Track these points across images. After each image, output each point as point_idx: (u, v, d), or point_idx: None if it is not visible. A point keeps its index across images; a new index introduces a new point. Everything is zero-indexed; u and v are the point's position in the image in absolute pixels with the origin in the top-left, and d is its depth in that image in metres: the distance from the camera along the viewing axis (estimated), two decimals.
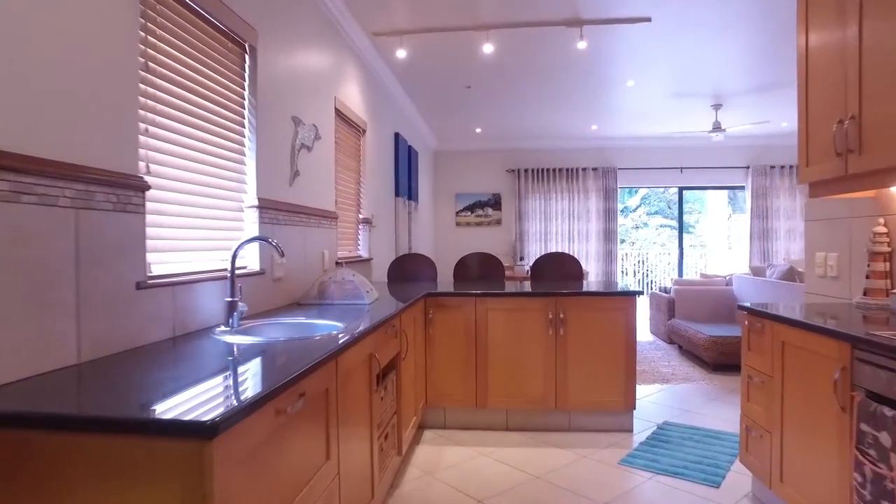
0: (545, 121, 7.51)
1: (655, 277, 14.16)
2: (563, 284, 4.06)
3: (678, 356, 5.99)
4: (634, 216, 17.51)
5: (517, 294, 3.57)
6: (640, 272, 13.99)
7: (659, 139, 8.62)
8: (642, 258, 14.20)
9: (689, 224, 16.59)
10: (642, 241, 16.82)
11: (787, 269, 5.46)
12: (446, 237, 9.09)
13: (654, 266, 14.27)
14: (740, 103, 6.51)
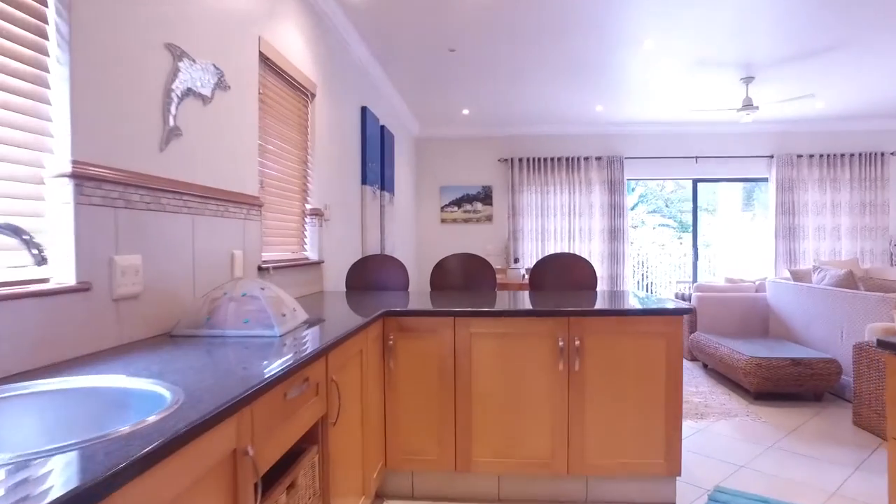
0: (543, 100, 6.46)
1: (655, 279, 13.19)
2: (573, 298, 3.00)
3: (705, 378, 4.95)
4: (633, 214, 16.54)
5: (514, 313, 2.51)
6: (639, 272, 13.03)
7: (671, 125, 7.59)
8: (642, 259, 13.25)
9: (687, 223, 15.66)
10: (641, 240, 15.88)
11: (845, 275, 4.44)
12: (429, 235, 8.02)
13: (654, 268, 13.31)
14: (774, 76, 5.48)
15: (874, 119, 7.36)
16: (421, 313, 2.54)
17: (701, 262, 12.68)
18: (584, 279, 3.52)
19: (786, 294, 5.12)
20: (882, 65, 5.16)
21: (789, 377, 4.11)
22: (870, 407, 3.61)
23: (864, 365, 3.63)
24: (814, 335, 4.68)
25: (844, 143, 7.55)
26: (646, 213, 16.66)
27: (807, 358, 4.14)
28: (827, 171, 7.45)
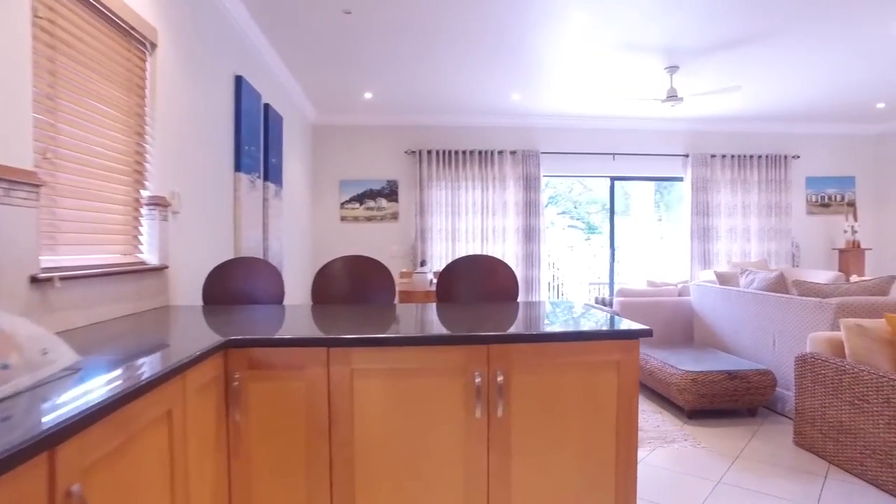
0: (455, 85, 5.82)
1: (566, 281, 13.05)
2: (493, 313, 2.33)
3: None
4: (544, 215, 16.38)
5: (413, 340, 1.79)
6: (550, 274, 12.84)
7: (590, 119, 7.21)
8: (553, 261, 13.07)
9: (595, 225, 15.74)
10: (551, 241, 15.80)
11: (776, 278, 4.11)
12: (327, 235, 7.17)
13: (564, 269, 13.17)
14: (699, 68, 5.16)
15: (780, 122, 7.37)
16: (280, 343, 1.76)
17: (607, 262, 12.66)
18: (503, 288, 2.87)
19: (712, 298, 4.78)
20: (799, 60, 4.95)
21: (725, 392, 3.70)
22: (814, 426, 3.23)
23: (808, 380, 3.25)
24: (743, 342, 4.34)
25: (754, 144, 7.51)
26: (556, 215, 16.62)
27: (742, 370, 3.75)
28: (738, 172, 7.36)
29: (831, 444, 3.11)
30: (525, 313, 2.27)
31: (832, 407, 3.09)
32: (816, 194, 7.64)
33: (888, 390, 2.75)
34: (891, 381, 2.73)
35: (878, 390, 2.81)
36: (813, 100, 6.32)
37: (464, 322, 2.04)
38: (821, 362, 3.14)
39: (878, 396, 2.81)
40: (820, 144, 7.65)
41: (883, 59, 4.97)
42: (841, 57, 4.89)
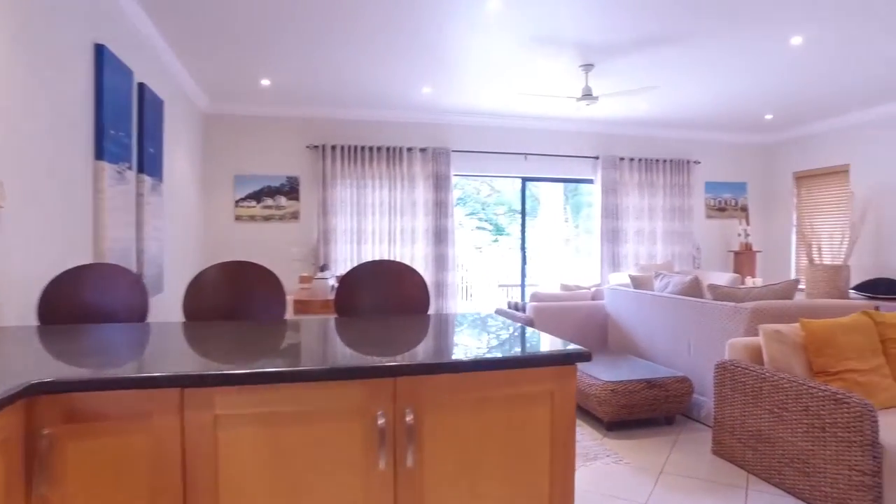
0: (361, 76, 5.39)
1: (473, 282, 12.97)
2: (400, 332, 1.96)
3: None
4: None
5: (296, 375, 1.38)
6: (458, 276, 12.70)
7: (503, 117, 7.03)
8: (461, 262, 12.94)
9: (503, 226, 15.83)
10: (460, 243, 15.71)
11: (691, 282, 4.04)
12: (220, 236, 6.49)
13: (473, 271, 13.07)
14: (613, 68, 5.07)
15: (683, 128, 7.56)
16: (111, 384, 1.29)
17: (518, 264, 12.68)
18: (412, 298, 2.51)
19: (626, 302, 4.68)
20: (704, 67, 4.99)
21: (644, 402, 3.56)
22: (732, 435, 3.14)
23: (727, 388, 3.15)
24: (658, 348, 4.26)
25: (660, 148, 7.67)
26: (464, 216, 16.54)
27: (661, 378, 3.63)
28: (645, 175, 7.47)
29: (750, 454, 3.02)
30: (438, 331, 1.93)
31: (751, 415, 3.00)
32: (714, 199, 7.93)
33: (807, 398, 2.68)
34: (809, 388, 2.65)
35: (796, 398, 2.73)
36: (712, 108, 6.49)
37: (365, 344, 1.66)
38: (741, 370, 3.05)
39: (797, 404, 2.72)
40: (717, 151, 7.95)
41: (774, 72, 5.12)
42: (739, 66, 4.98)
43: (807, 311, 3.46)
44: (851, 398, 2.47)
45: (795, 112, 6.76)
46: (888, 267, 6.49)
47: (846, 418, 2.49)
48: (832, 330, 2.91)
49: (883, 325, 3.09)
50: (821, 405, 2.60)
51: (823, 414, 2.58)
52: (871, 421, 2.41)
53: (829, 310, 3.51)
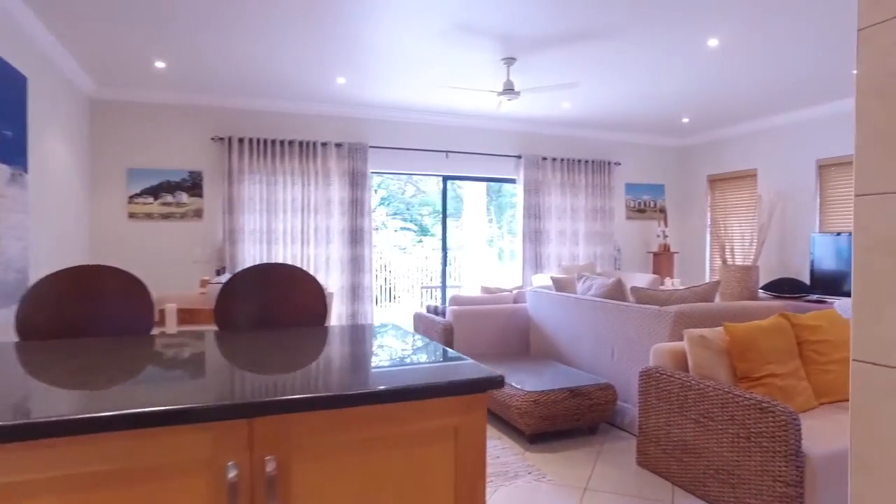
0: (270, 62, 4.95)
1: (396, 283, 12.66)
2: (277, 352, 1.61)
3: None
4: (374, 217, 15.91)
5: (109, 422, 1.01)
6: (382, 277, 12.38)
7: (423, 112, 6.74)
8: (384, 263, 12.60)
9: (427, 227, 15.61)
10: (383, 244, 15.36)
11: (613, 284, 3.91)
12: (111, 235, 5.82)
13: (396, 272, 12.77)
14: (535, 63, 4.90)
15: (604, 129, 7.58)
16: None
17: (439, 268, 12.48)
18: (305, 308, 2.16)
19: (548, 305, 4.51)
20: (625, 66, 4.93)
21: (567, 412, 3.36)
22: (658, 445, 2.99)
23: (652, 396, 3.00)
24: (581, 353, 4.11)
25: (581, 149, 7.64)
26: (388, 216, 16.19)
27: (584, 386, 3.45)
28: (567, 175, 7.41)
29: (675, 465, 2.88)
30: (326, 352, 1.60)
31: (677, 425, 2.86)
32: (634, 200, 8.01)
33: (733, 407, 2.55)
34: (735, 397, 2.53)
35: (722, 407, 2.60)
36: (633, 109, 6.50)
37: (226, 371, 1.31)
38: (665, 377, 2.90)
39: (723, 413, 2.60)
40: (637, 153, 8.04)
41: (692, 74, 5.14)
42: (659, 67, 4.95)
43: (728, 314, 3.39)
44: (776, 407, 2.35)
45: (709, 116, 6.91)
46: (791, 267, 6.74)
47: (771, 427, 2.37)
48: (754, 334, 2.82)
49: (799, 328, 3.05)
50: (746, 414, 2.47)
51: (749, 423, 2.46)
52: (795, 430, 2.30)
53: (749, 312, 3.46)
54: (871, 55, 1.43)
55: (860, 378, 1.43)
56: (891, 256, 1.37)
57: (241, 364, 1.39)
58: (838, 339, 3.10)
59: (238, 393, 1.12)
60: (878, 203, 1.39)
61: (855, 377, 1.45)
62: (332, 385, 1.19)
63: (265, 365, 1.38)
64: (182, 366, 1.38)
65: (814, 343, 3.02)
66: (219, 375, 1.28)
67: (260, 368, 1.34)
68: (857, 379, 1.44)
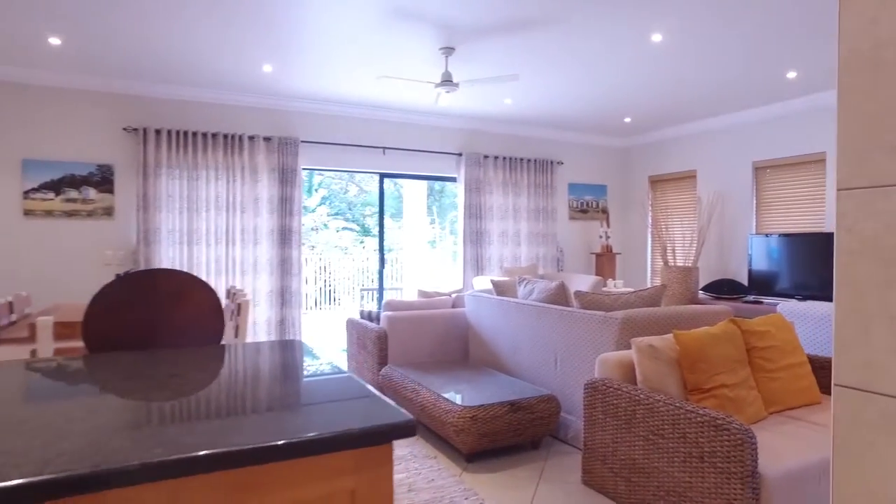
0: (187, 44, 4.48)
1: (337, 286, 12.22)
2: (135, 384, 1.26)
3: None
4: (314, 217, 15.42)
5: None
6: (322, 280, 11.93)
7: (358, 106, 6.38)
8: (325, 264, 12.13)
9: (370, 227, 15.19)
10: (323, 244, 14.85)
11: (556, 288, 3.68)
12: (2, 235, 5.18)
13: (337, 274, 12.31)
14: (475, 54, 4.64)
15: (547, 128, 7.43)
16: None
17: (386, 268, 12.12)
18: (195, 324, 1.80)
19: (488, 310, 4.26)
20: (567, 59, 4.75)
21: (508, 428, 3.11)
22: (604, 463, 2.77)
23: (598, 410, 2.78)
24: (522, 361, 3.87)
25: (524, 147, 7.47)
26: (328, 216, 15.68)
27: (526, 399, 3.20)
28: (509, 174, 7.21)
29: (623, 485, 2.67)
30: (191, 387, 1.25)
31: (624, 442, 2.65)
32: (577, 200, 7.90)
33: (685, 424, 2.35)
34: (687, 413, 2.33)
35: (673, 424, 2.40)
36: (575, 107, 6.37)
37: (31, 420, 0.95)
38: (612, 391, 2.69)
39: (674, 431, 2.39)
40: (580, 153, 7.94)
41: (635, 71, 5.02)
42: (602, 62, 4.80)
43: (676, 319, 3.22)
44: (731, 424, 2.16)
45: (651, 117, 6.86)
46: (730, 268, 6.77)
47: (726, 447, 2.18)
48: (704, 342, 2.64)
49: (748, 334, 2.90)
50: (699, 432, 2.27)
51: (702, 442, 2.26)
52: (752, 449, 2.12)
53: (698, 317, 3.31)
54: (853, 24, 1.20)
55: (845, 407, 1.21)
56: (880, 262, 1.15)
57: (60, 413, 1.03)
58: (785, 344, 2.98)
59: (32, 463, 0.77)
60: (867, 199, 1.17)
61: (839, 406, 1.23)
62: (168, 440, 0.86)
63: (93, 412, 1.02)
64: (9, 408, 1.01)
65: (762, 350, 2.88)
66: (34, 428, 0.92)
67: (74, 422, 0.99)
68: (842, 408, 1.22)
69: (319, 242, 14.86)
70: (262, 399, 1.10)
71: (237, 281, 5.81)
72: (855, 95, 1.20)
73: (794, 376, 2.92)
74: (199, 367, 1.38)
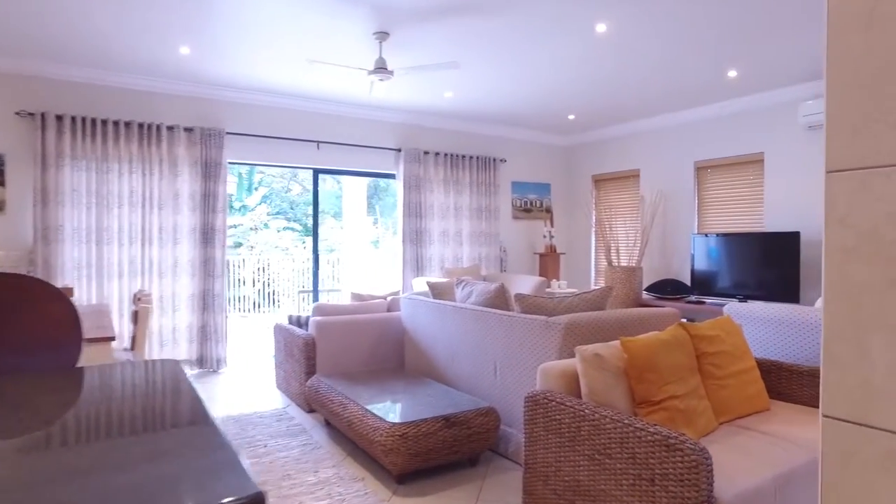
0: (87, 20, 3.98)
1: (278, 288, 11.69)
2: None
3: (329, 443, 3.37)
4: (254, 216, 14.75)
5: None
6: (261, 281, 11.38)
7: (289, 96, 5.96)
8: (264, 265, 11.58)
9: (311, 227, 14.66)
10: (263, 244, 14.20)
11: (496, 291, 3.42)
12: None
13: (277, 275, 11.76)
14: (411, 40, 4.34)
15: (489, 124, 7.22)
16: None
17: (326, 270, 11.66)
18: (40, 342, 1.43)
19: (424, 314, 3.96)
20: (509, 52, 4.52)
21: (443, 445, 2.82)
22: (546, 484, 2.52)
23: (539, 426, 2.53)
24: (460, 370, 3.59)
25: (465, 144, 7.22)
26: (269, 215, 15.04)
27: (462, 413, 2.93)
28: (451, 171, 6.94)
29: None
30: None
31: (568, 461, 2.40)
32: (520, 199, 7.72)
33: (634, 443, 2.12)
34: (636, 431, 2.10)
35: (622, 443, 2.17)
36: (518, 102, 6.16)
37: None
38: (555, 404, 2.44)
39: (623, 451, 2.17)
40: (523, 150, 7.76)
41: (578, 63, 4.84)
42: (545, 52, 4.59)
43: (623, 324, 3.02)
44: (685, 444, 1.94)
45: (595, 114, 6.75)
46: (672, 268, 6.74)
47: (679, 469, 1.96)
48: (653, 349, 2.43)
49: (698, 339, 2.72)
50: (650, 452, 2.05)
51: (653, 463, 2.04)
52: (707, 472, 1.91)
53: (645, 321, 3.12)
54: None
55: (836, 443, 0.97)
56: (880, 261, 0.92)
57: None
58: (734, 349, 2.82)
59: None
60: (864, 183, 0.94)
61: (828, 441, 0.98)
62: None
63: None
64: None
65: (711, 355, 2.71)
66: None
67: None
68: (832, 445, 0.97)
69: (259, 242, 14.22)
70: (77, 468, 0.77)
71: (154, 284, 5.29)
72: (848, 57, 0.96)
73: (744, 382, 2.76)
74: (10, 411, 1.02)
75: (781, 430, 2.48)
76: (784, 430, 2.48)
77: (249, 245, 13.90)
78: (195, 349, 5.50)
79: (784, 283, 5.36)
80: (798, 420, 2.62)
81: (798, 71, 5.07)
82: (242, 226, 14.30)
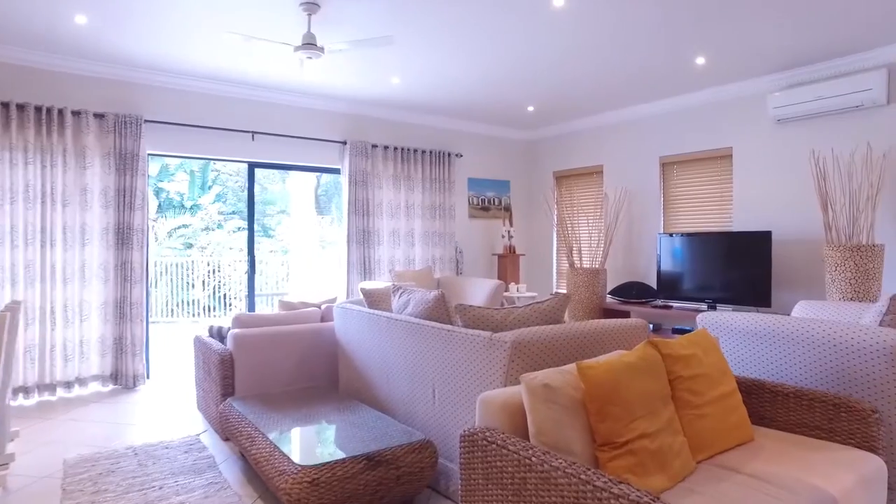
0: None
1: (230, 290, 11.02)
2: None
3: (240, 487, 2.82)
4: (205, 215, 13.96)
5: None
6: (212, 284, 10.74)
7: (219, 81, 5.35)
8: (214, 267, 10.94)
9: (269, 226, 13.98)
10: (215, 245, 13.43)
11: (434, 301, 2.92)
12: None
13: (228, 278, 11.09)
14: (344, 13, 3.80)
15: (442, 116, 6.72)
16: None
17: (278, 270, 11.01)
18: None
19: (357, 327, 3.44)
20: (465, 20, 4.04)
21: (366, 490, 2.31)
22: None
23: (478, 472, 2.04)
24: (395, 392, 3.08)
25: (418, 137, 6.71)
26: (222, 214, 14.26)
27: (391, 450, 2.42)
28: (402, 166, 6.42)
29: None
30: None
31: None
32: (477, 197, 7.25)
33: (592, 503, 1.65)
34: (597, 492, 1.63)
35: (577, 501, 1.69)
36: (472, 90, 5.69)
37: None
38: (496, 448, 1.95)
39: None
40: (481, 145, 7.30)
41: (535, 45, 4.38)
42: (496, 30, 4.12)
43: (581, 340, 2.55)
44: None
45: (555, 107, 6.32)
46: (638, 270, 6.36)
47: None
48: (617, 376, 1.97)
49: (670, 359, 2.27)
50: None
51: None
52: None
53: (608, 335, 2.66)
54: None
55: None
56: None
57: None
58: (713, 369, 2.38)
59: None
60: None
61: None
62: None
63: None
64: None
65: (687, 380, 2.26)
66: None
67: None
68: None
69: (211, 243, 13.46)
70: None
71: (58, 291, 4.62)
72: None
73: (724, 410, 2.32)
74: None
75: (770, 470, 2.04)
76: (773, 470, 2.04)
77: (200, 246, 13.17)
78: (109, 363, 4.85)
79: (754, 286, 5.02)
80: (787, 454, 2.19)
81: (768, 60, 4.72)
82: (192, 226, 13.53)
